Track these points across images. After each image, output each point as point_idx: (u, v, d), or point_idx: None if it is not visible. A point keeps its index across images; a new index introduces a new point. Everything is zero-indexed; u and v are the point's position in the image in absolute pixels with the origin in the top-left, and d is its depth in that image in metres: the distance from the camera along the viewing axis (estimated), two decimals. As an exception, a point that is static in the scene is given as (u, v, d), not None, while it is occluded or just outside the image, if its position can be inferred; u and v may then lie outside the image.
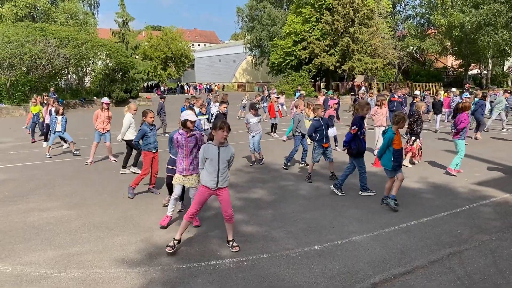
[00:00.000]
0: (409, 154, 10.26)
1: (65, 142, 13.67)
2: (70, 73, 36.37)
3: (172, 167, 6.57)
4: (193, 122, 5.97)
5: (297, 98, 25.05)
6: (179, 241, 5.28)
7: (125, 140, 9.81)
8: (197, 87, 66.22)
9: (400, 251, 5.21)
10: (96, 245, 5.50)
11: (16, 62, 27.34)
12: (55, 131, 12.21)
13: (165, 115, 16.45)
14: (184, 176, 6.00)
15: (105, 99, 11.42)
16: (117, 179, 9.28)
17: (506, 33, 37.04)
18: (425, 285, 4.36)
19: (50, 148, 12.46)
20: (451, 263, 4.85)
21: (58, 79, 34.61)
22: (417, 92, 17.98)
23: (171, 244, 5.21)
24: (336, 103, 16.02)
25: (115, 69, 34.83)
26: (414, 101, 15.40)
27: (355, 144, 7.53)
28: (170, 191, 6.85)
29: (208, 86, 66.67)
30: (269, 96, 22.25)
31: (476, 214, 6.57)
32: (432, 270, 4.69)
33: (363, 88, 27.67)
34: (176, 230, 5.99)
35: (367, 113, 7.96)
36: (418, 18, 51.26)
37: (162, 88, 62.64)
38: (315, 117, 8.91)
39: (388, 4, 43.71)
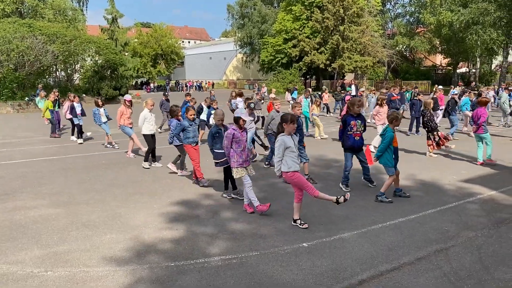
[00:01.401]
0: (431, 148, 10.94)
1: (81, 135, 14.26)
2: (59, 70, 35.93)
3: (221, 160, 7.19)
4: (245, 121, 6.68)
5: (296, 97, 24.90)
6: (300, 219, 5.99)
7: (143, 135, 10.11)
8: (188, 84, 65.92)
9: (388, 248, 5.25)
10: (84, 244, 5.47)
11: (3, 58, 26.97)
12: (101, 123, 12.80)
13: (167, 112, 16.45)
14: (245, 167, 6.58)
15: (128, 96, 11.76)
16: (106, 177, 9.22)
17: (493, 32, 37.43)
18: (412, 281, 4.41)
19: (109, 137, 13.01)
20: (437, 260, 4.90)
21: (47, 76, 34.18)
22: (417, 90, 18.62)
23: (301, 222, 5.95)
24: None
25: (104, 66, 34.50)
26: (416, 99, 15.63)
27: (342, 140, 7.97)
28: (228, 185, 7.49)
29: (198, 84, 66.39)
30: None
31: (462, 211, 6.64)
32: (419, 266, 4.74)
33: (352, 86, 27.68)
34: (166, 228, 6.02)
35: (358, 110, 7.97)
36: (408, 17, 51.66)
37: (152, 85, 62.24)
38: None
39: (378, 3, 43.92)
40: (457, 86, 27.18)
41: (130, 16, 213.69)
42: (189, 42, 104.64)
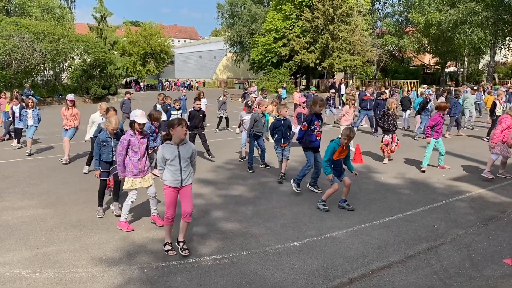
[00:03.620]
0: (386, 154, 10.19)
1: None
2: (47, 68, 35.59)
3: (106, 171, 6.50)
4: (140, 125, 5.76)
5: (284, 96, 24.86)
6: (171, 243, 5.18)
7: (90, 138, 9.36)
8: (177, 83, 65.60)
9: (378, 246, 5.27)
10: (73, 244, 5.40)
11: (-11, 57, 26.64)
12: (27, 125, 11.70)
13: (127, 113, 14.54)
14: (141, 178, 5.91)
15: (69, 96, 10.86)
16: (94, 177, 9.10)
17: (481, 32, 37.88)
18: (402, 279, 4.43)
19: (31, 143, 11.98)
20: (427, 258, 4.93)
21: (34, 75, 33.83)
22: (386, 90, 18.30)
23: (169, 248, 5.10)
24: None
25: (93, 65, 34.22)
26: (381, 98, 15.31)
27: (305, 139, 7.51)
28: (103, 198, 6.67)
29: (187, 83, 65.95)
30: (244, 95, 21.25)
31: (452, 209, 6.70)
32: (409, 264, 4.77)
33: (342, 86, 27.75)
34: (156, 228, 5.97)
35: (320, 110, 7.62)
36: (397, 16, 52.02)
37: (141, 84, 61.85)
38: (278, 116, 8.73)
39: (367, 2, 44.16)
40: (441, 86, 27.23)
41: (119, 15, 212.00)
42: (178, 41, 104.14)
